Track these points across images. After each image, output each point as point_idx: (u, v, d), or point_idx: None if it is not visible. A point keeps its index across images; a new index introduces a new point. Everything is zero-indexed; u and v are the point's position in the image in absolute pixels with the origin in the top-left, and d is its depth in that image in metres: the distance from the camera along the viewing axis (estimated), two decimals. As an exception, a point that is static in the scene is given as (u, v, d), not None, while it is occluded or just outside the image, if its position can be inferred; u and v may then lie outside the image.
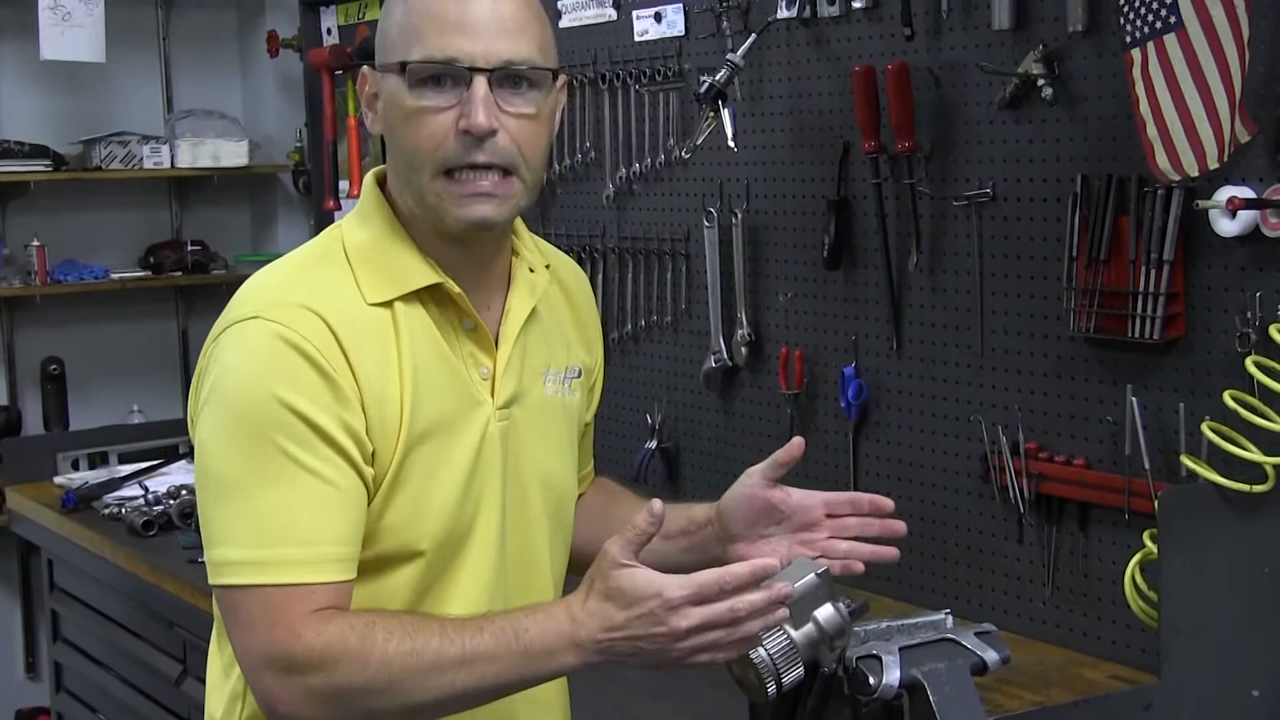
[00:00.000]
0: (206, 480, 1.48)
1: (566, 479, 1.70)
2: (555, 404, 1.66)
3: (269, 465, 1.44)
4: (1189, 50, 1.94)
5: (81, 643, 3.63)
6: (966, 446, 2.46)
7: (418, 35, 1.50)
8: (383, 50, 1.55)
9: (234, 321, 1.50)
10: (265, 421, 1.44)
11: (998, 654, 1.58)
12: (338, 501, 1.46)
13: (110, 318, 4.63)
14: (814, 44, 2.67)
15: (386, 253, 1.54)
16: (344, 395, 1.46)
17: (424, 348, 1.53)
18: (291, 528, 1.44)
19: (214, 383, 1.49)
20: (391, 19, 1.54)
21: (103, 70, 4.31)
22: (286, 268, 1.57)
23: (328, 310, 1.48)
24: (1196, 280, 2.12)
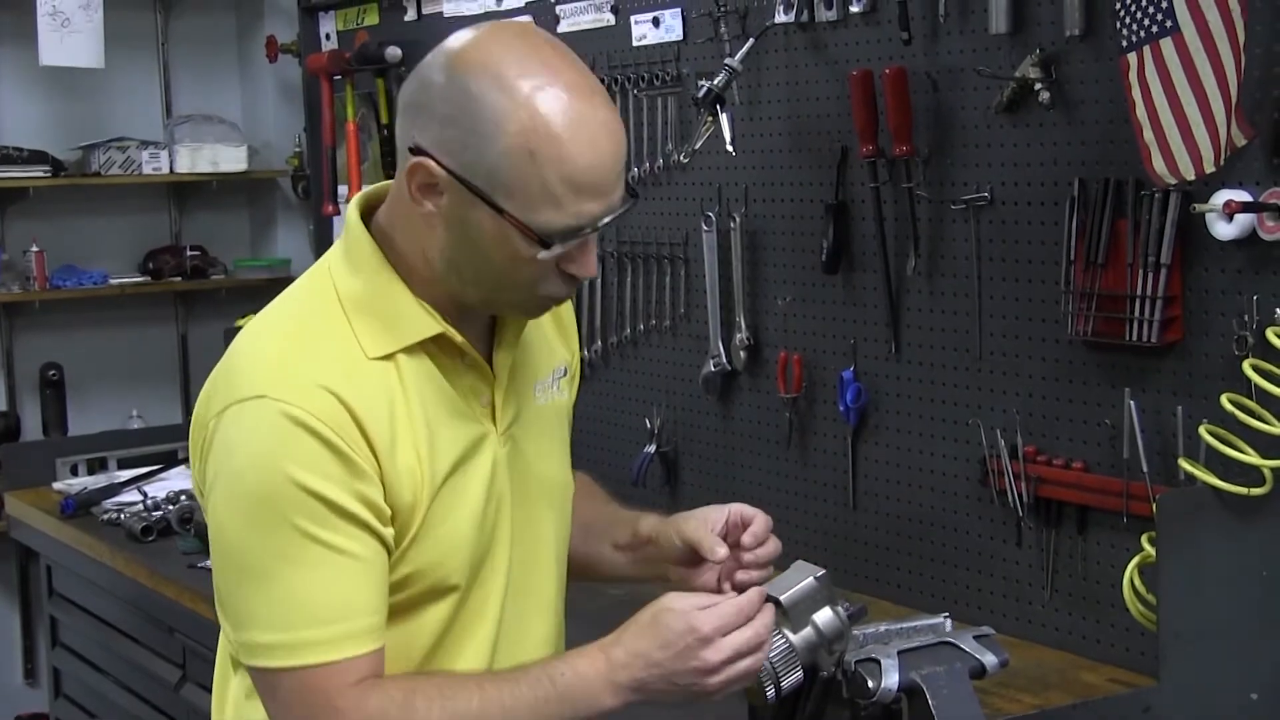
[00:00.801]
0: (227, 562, 1.46)
1: (565, 477, 1.70)
2: (546, 410, 1.66)
3: (290, 547, 1.42)
4: (1185, 54, 1.95)
5: (80, 648, 3.63)
6: (965, 450, 2.46)
7: (553, 201, 1.40)
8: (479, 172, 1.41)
9: (237, 400, 1.45)
10: (282, 504, 1.41)
11: (996, 657, 1.58)
12: (362, 573, 1.44)
13: (109, 323, 4.63)
14: (812, 48, 2.67)
15: (384, 302, 1.49)
16: (358, 468, 1.43)
17: (431, 395, 1.50)
18: (320, 607, 1.43)
19: (224, 464, 1.45)
20: (497, 148, 1.40)
21: (102, 76, 4.31)
22: (281, 330, 1.51)
23: (335, 381, 1.44)
24: (1194, 284, 2.12)
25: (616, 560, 1.75)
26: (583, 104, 1.41)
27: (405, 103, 1.48)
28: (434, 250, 1.48)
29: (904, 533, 2.60)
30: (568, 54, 1.45)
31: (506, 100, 1.39)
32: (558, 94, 1.40)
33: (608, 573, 1.78)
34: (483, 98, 1.40)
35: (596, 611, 1.70)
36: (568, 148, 1.39)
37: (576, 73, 1.43)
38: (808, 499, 2.78)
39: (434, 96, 1.43)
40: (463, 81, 1.41)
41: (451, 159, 1.42)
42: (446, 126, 1.42)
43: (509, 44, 1.43)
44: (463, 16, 3.53)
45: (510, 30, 1.48)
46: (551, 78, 1.41)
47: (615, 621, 1.71)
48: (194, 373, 4.76)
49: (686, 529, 1.64)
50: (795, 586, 1.55)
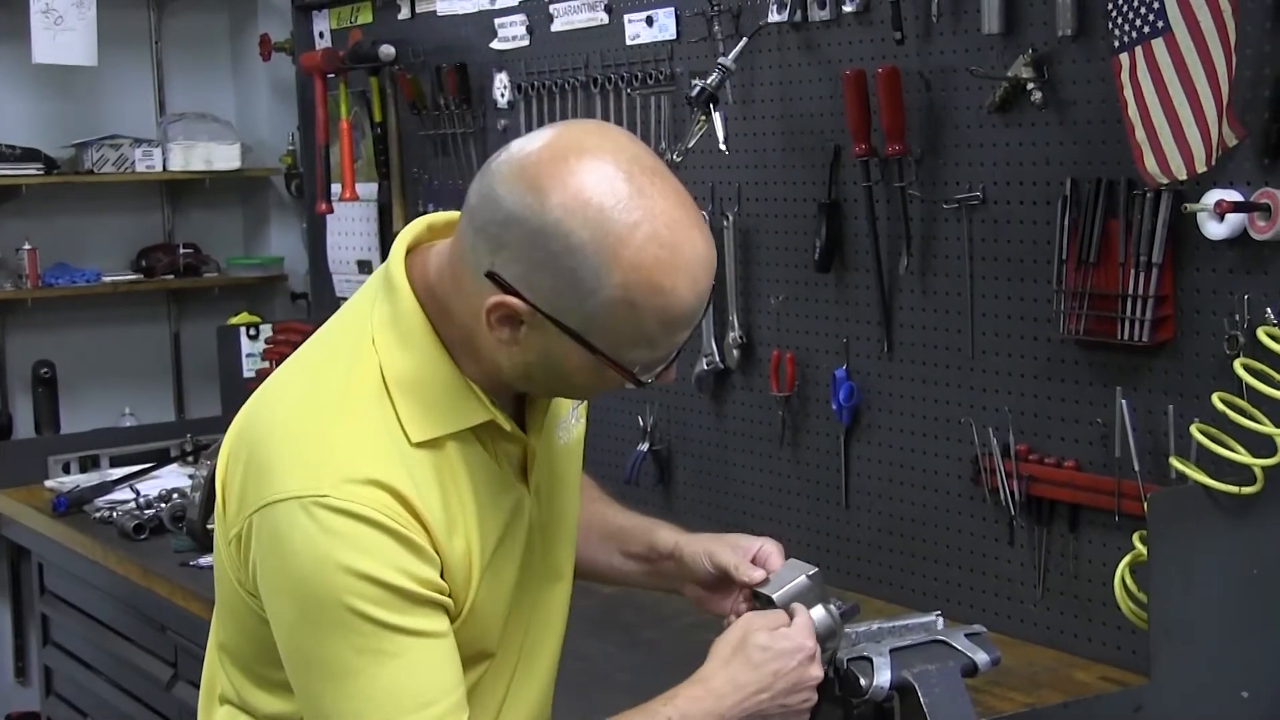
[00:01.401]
0: (309, 670, 1.40)
1: (578, 506, 1.67)
2: (567, 448, 1.62)
3: (372, 641, 1.36)
4: (1177, 55, 1.95)
5: (72, 647, 3.62)
6: (957, 449, 2.47)
7: (648, 341, 1.37)
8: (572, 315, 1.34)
9: (287, 497, 1.37)
10: (355, 600, 1.35)
11: (988, 655, 1.58)
12: (442, 649, 1.41)
13: (102, 321, 4.62)
14: (805, 48, 2.67)
15: (435, 388, 1.41)
16: (422, 552, 1.39)
17: (478, 475, 1.45)
18: (415, 693, 1.38)
19: (280, 570, 1.38)
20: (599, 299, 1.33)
21: (95, 74, 4.30)
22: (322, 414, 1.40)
23: (387, 474, 1.37)
24: (1185, 283, 2.13)
25: (626, 568, 1.74)
26: (683, 242, 1.34)
27: (479, 222, 1.36)
28: (504, 362, 1.40)
29: (896, 531, 2.60)
30: (660, 170, 1.36)
31: (607, 252, 1.31)
32: (660, 238, 1.32)
33: (611, 577, 1.76)
34: (581, 250, 1.31)
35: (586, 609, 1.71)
36: (669, 297, 1.34)
37: (675, 201, 1.35)
38: (800, 497, 2.79)
39: (520, 236, 1.33)
40: (556, 227, 1.31)
41: (542, 301, 1.34)
42: (537, 271, 1.33)
43: (602, 174, 1.33)
44: (456, 15, 3.53)
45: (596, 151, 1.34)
46: (648, 212, 1.32)
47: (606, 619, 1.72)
48: (187, 371, 4.76)
49: (719, 555, 1.62)
50: (788, 585, 1.56)
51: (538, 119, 3.29)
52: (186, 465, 3.74)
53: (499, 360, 1.40)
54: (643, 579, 1.73)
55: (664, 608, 2.41)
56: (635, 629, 2.50)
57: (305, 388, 1.45)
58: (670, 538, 1.69)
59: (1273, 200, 1.98)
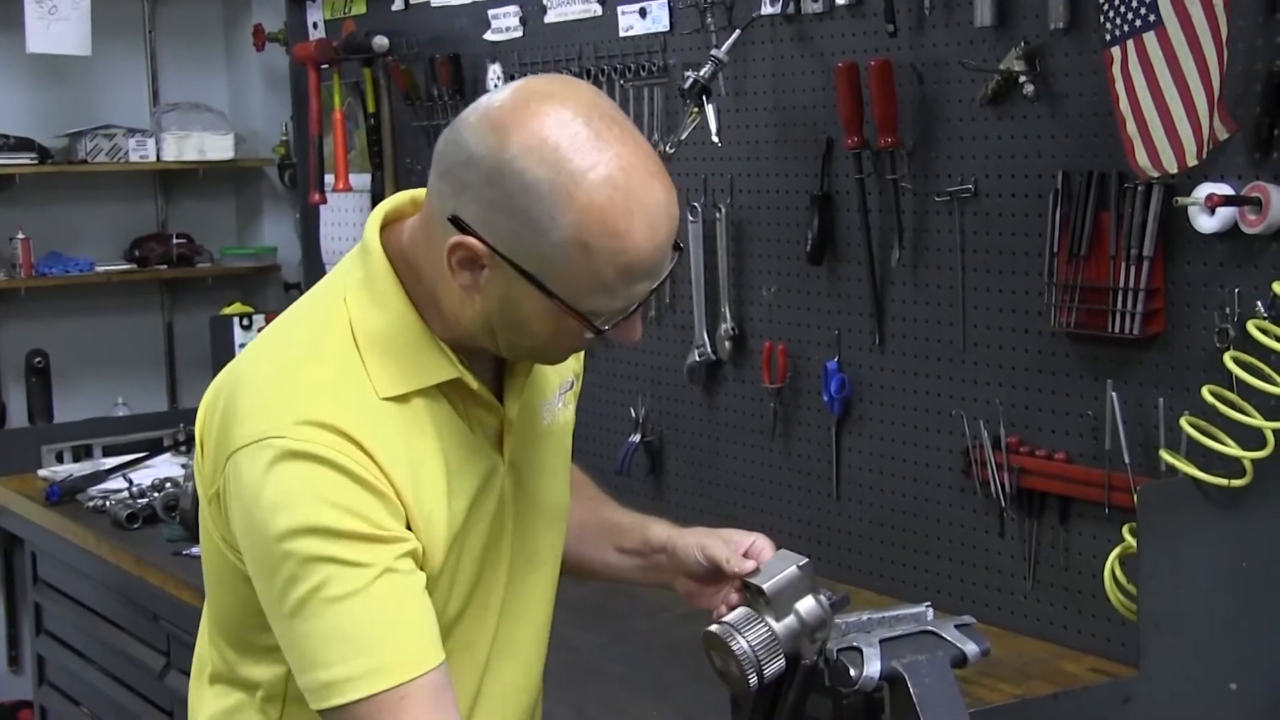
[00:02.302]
0: (279, 610, 1.40)
1: (564, 496, 1.67)
2: (550, 431, 1.63)
3: (342, 581, 1.37)
4: (1168, 48, 1.96)
5: (65, 636, 3.63)
6: (948, 441, 2.47)
7: (605, 289, 1.36)
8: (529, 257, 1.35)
9: (250, 442, 1.39)
10: (321, 545, 1.36)
11: (978, 646, 1.59)
12: (414, 588, 1.41)
13: (95, 311, 4.62)
14: (798, 40, 2.68)
15: (402, 342, 1.43)
16: (388, 502, 1.39)
17: (447, 436, 1.46)
18: (386, 630, 1.38)
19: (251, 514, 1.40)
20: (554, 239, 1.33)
21: (89, 63, 4.30)
22: (294, 364, 1.44)
23: (350, 424, 1.38)
24: (1176, 276, 2.13)
25: (621, 564, 1.73)
26: (641, 189, 1.34)
27: (444, 167, 1.39)
28: (468, 313, 1.42)
29: (887, 523, 2.61)
30: (620, 120, 1.37)
31: (561, 191, 1.32)
32: (615, 180, 1.32)
33: (606, 574, 1.76)
34: (535, 187, 1.32)
35: (577, 599, 1.72)
36: (624, 240, 1.33)
37: (633, 148, 1.35)
38: (791, 489, 2.79)
39: (479, 176, 1.35)
40: (512, 165, 1.33)
41: (499, 241, 1.35)
42: (494, 210, 1.34)
43: (560, 118, 1.34)
44: (450, 6, 3.53)
45: (558, 97, 1.36)
46: (606, 156, 1.33)
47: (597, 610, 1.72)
48: (180, 360, 4.76)
49: (712, 548, 1.61)
50: (778, 575, 1.56)
51: (531, 110, 3.28)
52: (179, 455, 3.75)
53: (464, 313, 1.42)
54: (637, 574, 1.73)
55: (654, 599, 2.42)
56: (626, 620, 2.50)
57: (278, 344, 1.48)
58: (663, 532, 1.69)
59: (1263, 194, 1.98)
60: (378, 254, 1.45)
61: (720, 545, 1.61)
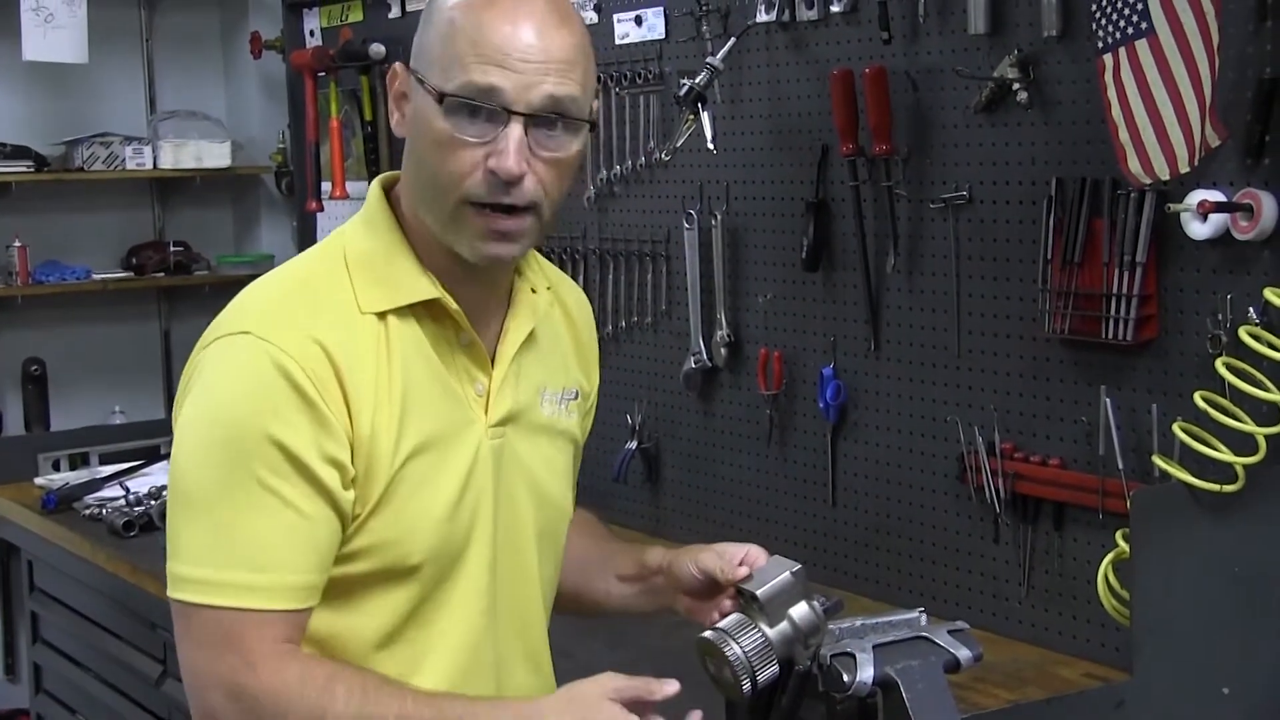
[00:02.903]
0: (177, 491, 1.47)
1: (561, 499, 1.69)
2: (552, 425, 1.65)
3: (240, 489, 1.42)
4: (1160, 56, 1.97)
5: (61, 644, 3.63)
6: (943, 447, 2.48)
7: (458, 61, 1.44)
8: (420, 58, 1.50)
9: (227, 333, 1.48)
10: (245, 446, 1.42)
11: (971, 651, 1.59)
12: (306, 531, 1.44)
13: (92, 319, 4.63)
14: (793, 47, 2.69)
15: (388, 263, 1.52)
16: (330, 425, 1.44)
17: (416, 363, 1.51)
18: (255, 553, 1.43)
19: (198, 395, 1.48)
20: (434, 29, 1.48)
21: (85, 71, 4.31)
22: (286, 278, 1.55)
23: (325, 333, 1.46)
24: (1169, 282, 2.14)
25: (622, 592, 1.74)
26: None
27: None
28: (409, 173, 1.52)
29: (883, 529, 2.62)
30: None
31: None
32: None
33: (609, 606, 1.77)
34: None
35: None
36: (485, 14, 1.45)
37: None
38: (787, 495, 2.80)
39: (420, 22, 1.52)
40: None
41: (412, 59, 1.51)
42: (418, 38, 1.51)
43: None
44: (446, 14, 3.53)
45: None
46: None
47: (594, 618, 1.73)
48: (176, 368, 4.75)
49: (705, 560, 1.62)
50: (771, 581, 1.56)
51: (527, 118, 3.30)
52: (176, 463, 3.74)
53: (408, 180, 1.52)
54: (639, 600, 1.73)
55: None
56: (621, 627, 2.50)
57: (278, 269, 1.59)
58: (660, 554, 1.71)
59: (1255, 200, 1.99)
60: (376, 195, 1.57)
61: (713, 557, 1.62)
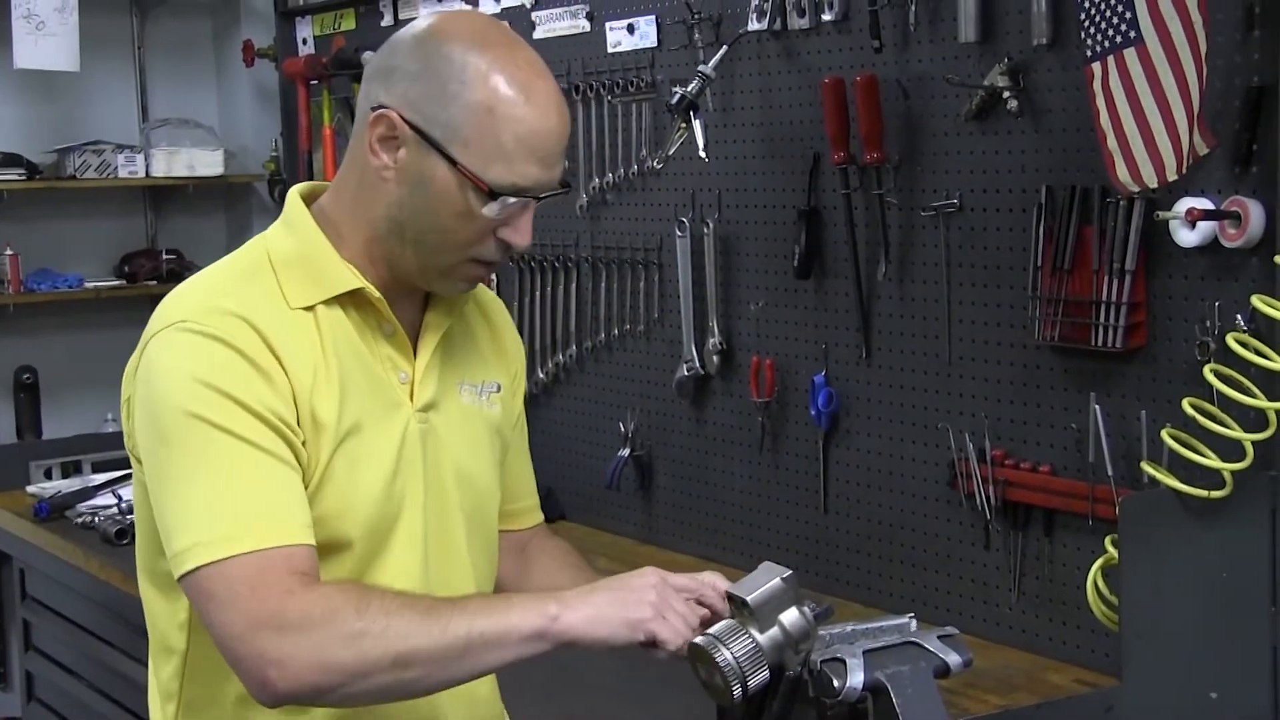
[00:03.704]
0: (159, 479, 1.50)
1: (487, 482, 1.74)
2: (473, 412, 1.70)
3: (213, 446, 1.46)
4: (1148, 64, 1.98)
5: (53, 652, 3.62)
6: (934, 454, 2.49)
7: (506, 156, 1.50)
8: (434, 123, 1.50)
9: (161, 329, 1.53)
10: (201, 407, 1.46)
11: (960, 657, 1.60)
12: (286, 472, 1.49)
13: (84, 327, 4.62)
14: (784, 56, 2.70)
15: (310, 259, 1.58)
16: (275, 384, 1.49)
17: (345, 350, 1.57)
18: (254, 497, 1.46)
19: (148, 392, 1.51)
20: (462, 104, 1.50)
21: (77, 79, 4.31)
22: (210, 279, 1.60)
23: (255, 316, 1.51)
24: (1158, 290, 2.15)
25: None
26: (540, 79, 1.53)
27: (372, 70, 1.57)
28: (382, 208, 1.55)
29: (874, 535, 2.63)
30: (524, 41, 1.58)
31: (475, 60, 1.50)
32: (519, 65, 1.52)
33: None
34: (453, 57, 1.51)
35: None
36: (525, 109, 1.50)
37: (534, 55, 1.56)
38: (779, 502, 2.81)
39: (404, 57, 1.53)
40: (435, 43, 1.52)
41: (414, 112, 1.51)
42: (414, 82, 1.52)
43: (477, 22, 1.57)
44: (439, 22, 3.54)
45: (477, 14, 1.64)
46: (513, 53, 1.53)
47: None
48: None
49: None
50: (762, 587, 1.57)
51: (520, 126, 3.31)
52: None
53: (376, 213, 1.55)
54: None
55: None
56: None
57: (200, 273, 1.64)
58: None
59: (1242, 208, 2.00)
60: (295, 201, 1.62)
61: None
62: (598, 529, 3.17)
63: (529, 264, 3.32)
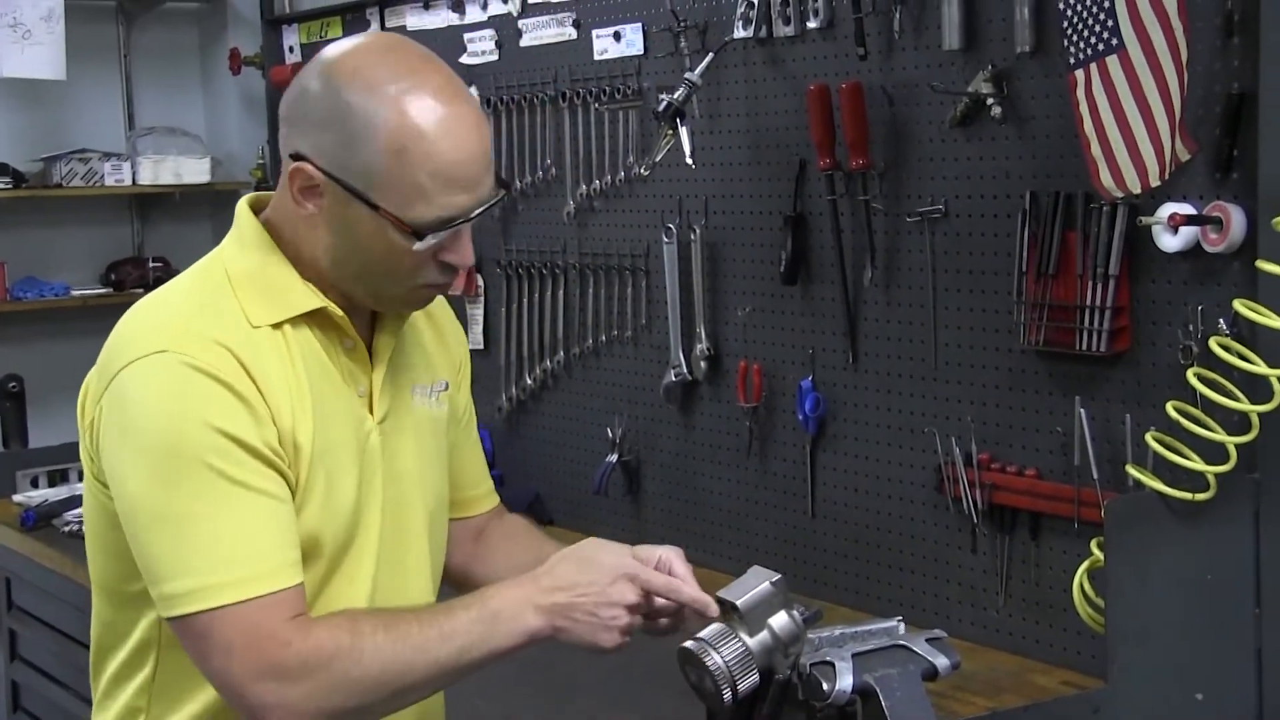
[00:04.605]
0: (144, 515, 1.48)
1: (440, 485, 1.76)
2: (425, 416, 1.72)
3: (205, 488, 1.46)
4: (1130, 71, 1.99)
5: (40, 662, 3.61)
6: (921, 458, 2.50)
7: (424, 194, 1.49)
8: (349, 171, 1.50)
9: (134, 359, 1.49)
10: (193, 446, 1.46)
11: (948, 659, 1.61)
12: (281, 511, 1.51)
13: (71, 335, 4.61)
14: (770, 63, 2.71)
15: (270, 279, 1.57)
16: (260, 415, 1.50)
17: (314, 367, 1.58)
18: (243, 543, 1.47)
19: (128, 422, 1.49)
20: (372, 149, 1.48)
21: (64, 87, 4.31)
22: (172, 300, 1.58)
23: (231, 340, 1.51)
24: (1141, 294, 2.17)
25: None
26: (447, 106, 1.50)
27: (284, 113, 1.56)
28: (320, 250, 1.56)
29: (861, 539, 2.64)
30: (434, 60, 1.55)
31: (376, 104, 1.48)
32: (423, 97, 1.49)
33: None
34: (355, 103, 1.49)
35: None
36: (436, 144, 1.48)
37: (442, 78, 1.53)
38: (767, 506, 2.82)
39: (310, 105, 1.52)
40: (336, 89, 1.50)
41: (328, 161, 1.51)
42: (323, 131, 1.51)
43: (379, 53, 1.53)
44: (426, 30, 3.55)
45: (381, 41, 1.58)
46: (418, 82, 1.50)
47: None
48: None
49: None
50: (751, 591, 1.58)
51: (507, 133, 3.32)
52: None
53: (318, 252, 1.56)
54: None
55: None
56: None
57: (156, 294, 1.62)
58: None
59: (1224, 213, 2.02)
60: (247, 217, 1.61)
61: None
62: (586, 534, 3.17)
63: (516, 270, 3.32)
